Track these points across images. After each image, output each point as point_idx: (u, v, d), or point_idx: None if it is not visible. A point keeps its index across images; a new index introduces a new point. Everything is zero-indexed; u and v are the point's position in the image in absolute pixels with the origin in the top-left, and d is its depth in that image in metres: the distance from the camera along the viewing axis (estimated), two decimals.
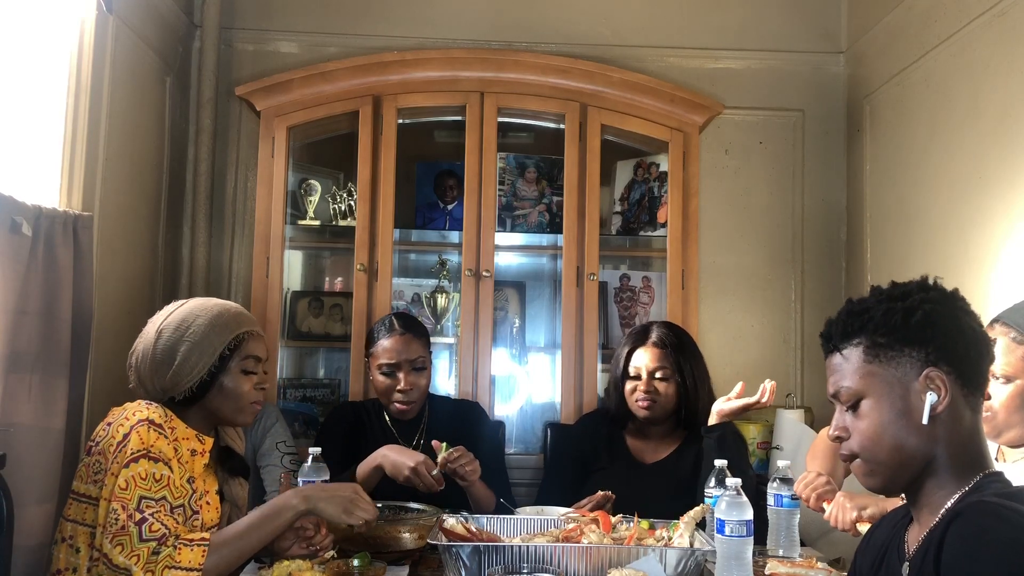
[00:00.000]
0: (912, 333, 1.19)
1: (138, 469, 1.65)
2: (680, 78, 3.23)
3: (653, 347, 2.39)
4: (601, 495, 2.11)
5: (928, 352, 1.19)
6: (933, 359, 1.18)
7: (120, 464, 1.65)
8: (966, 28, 2.49)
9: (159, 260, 2.94)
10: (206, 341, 1.80)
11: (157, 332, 1.81)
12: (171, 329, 1.81)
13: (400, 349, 2.35)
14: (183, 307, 1.86)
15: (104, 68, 2.42)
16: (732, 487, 1.85)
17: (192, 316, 1.82)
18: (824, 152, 3.33)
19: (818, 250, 3.30)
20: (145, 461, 1.66)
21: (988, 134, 2.39)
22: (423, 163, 3.26)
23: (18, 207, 1.93)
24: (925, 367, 1.18)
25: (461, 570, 1.68)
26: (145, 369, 1.81)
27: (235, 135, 3.22)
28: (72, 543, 1.70)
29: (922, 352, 1.19)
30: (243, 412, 1.87)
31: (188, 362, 1.78)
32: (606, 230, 3.14)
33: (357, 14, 3.27)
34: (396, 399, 2.35)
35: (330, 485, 1.83)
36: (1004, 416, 1.72)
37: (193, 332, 1.79)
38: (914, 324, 1.19)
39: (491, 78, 2.99)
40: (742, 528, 1.82)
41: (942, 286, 1.25)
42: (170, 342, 1.79)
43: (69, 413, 2.08)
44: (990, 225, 2.36)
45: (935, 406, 1.17)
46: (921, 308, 1.20)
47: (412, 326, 2.44)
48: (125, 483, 1.64)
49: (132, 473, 1.65)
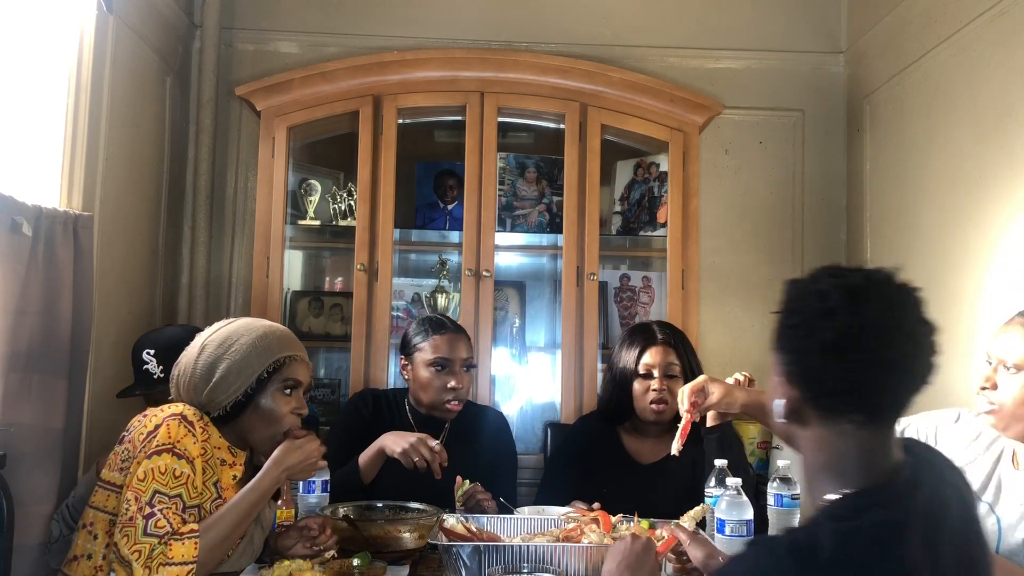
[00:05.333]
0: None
1: (159, 462, 1.65)
2: (680, 78, 3.23)
3: (664, 346, 2.38)
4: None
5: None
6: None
7: (144, 454, 1.65)
8: (966, 28, 2.49)
9: (159, 260, 2.94)
10: (246, 361, 1.77)
11: (201, 347, 1.79)
12: (214, 345, 1.78)
13: (456, 347, 2.35)
14: (230, 325, 1.84)
15: (104, 68, 2.42)
16: (732, 487, 1.85)
17: (237, 335, 1.80)
18: (824, 152, 3.33)
19: (818, 250, 3.30)
20: (168, 456, 1.66)
21: (988, 134, 2.39)
22: (423, 163, 3.26)
23: (18, 207, 1.93)
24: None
25: (461, 570, 1.68)
26: (184, 383, 1.79)
27: (235, 135, 3.22)
28: (91, 529, 1.70)
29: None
30: (276, 440, 1.80)
31: (226, 380, 1.75)
32: (606, 230, 3.14)
33: (357, 14, 3.27)
34: (447, 397, 2.34)
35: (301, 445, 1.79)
36: (1012, 408, 1.66)
37: (235, 351, 1.77)
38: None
39: (491, 78, 2.99)
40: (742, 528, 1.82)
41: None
42: (211, 358, 1.77)
43: (68, 413, 2.08)
44: (990, 225, 2.36)
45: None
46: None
47: (462, 328, 2.46)
48: (144, 474, 1.63)
49: (152, 465, 1.64)
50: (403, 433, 2.20)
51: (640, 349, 2.39)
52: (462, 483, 2.17)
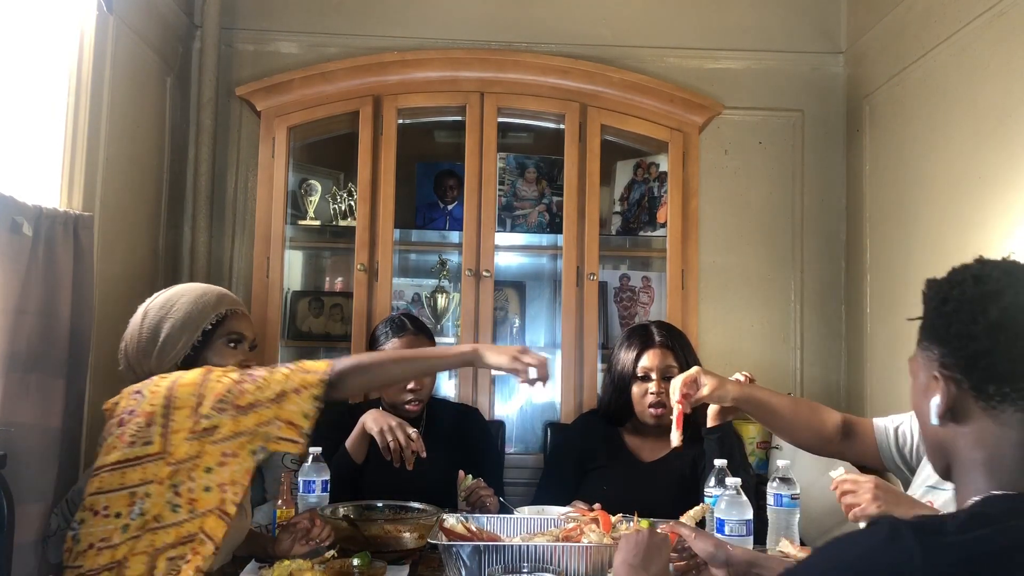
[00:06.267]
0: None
1: (209, 375, 1.67)
2: (680, 78, 3.23)
3: (662, 348, 2.38)
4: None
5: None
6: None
7: (197, 386, 1.66)
8: (966, 28, 2.49)
9: (159, 260, 2.95)
10: (188, 317, 1.87)
11: (143, 313, 1.89)
12: (156, 308, 1.89)
13: (415, 348, 2.36)
14: (169, 290, 1.95)
15: (104, 68, 2.42)
16: (732, 487, 1.86)
17: (176, 296, 1.91)
18: (824, 152, 3.33)
19: (818, 250, 3.31)
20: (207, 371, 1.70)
21: (988, 134, 2.39)
22: (423, 163, 3.26)
23: (19, 207, 1.93)
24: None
25: (461, 570, 1.68)
26: (132, 350, 1.87)
27: (235, 135, 3.22)
28: (106, 512, 1.64)
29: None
30: None
31: (172, 338, 1.85)
32: (606, 230, 3.14)
33: (357, 14, 3.27)
34: (406, 398, 2.37)
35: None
36: None
37: (177, 309, 1.87)
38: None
39: (491, 78, 2.99)
40: (742, 528, 1.82)
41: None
42: (155, 320, 1.87)
43: (67, 413, 2.08)
44: (990, 225, 2.36)
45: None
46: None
47: (421, 326, 2.47)
48: (202, 389, 1.64)
49: (196, 379, 1.66)
50: (385, 414, 2.23)
51: (638, 352, 2.39)
52: (464, 478, 2.18)
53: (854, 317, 3.22)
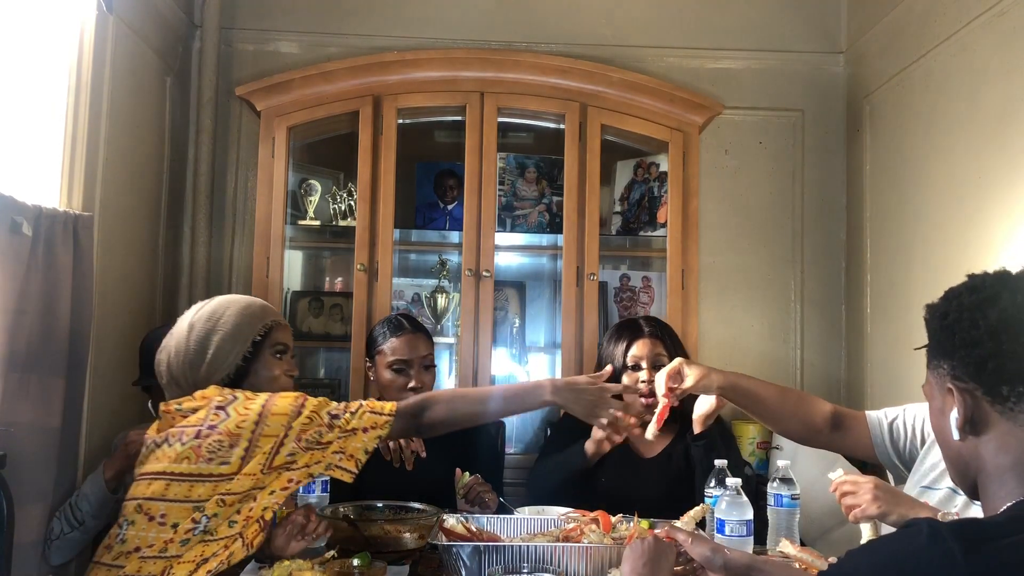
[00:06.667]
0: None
1: (303, 407, 1.70)
2: (680, 78, 3.23)
3: (651, 337, 2.40)
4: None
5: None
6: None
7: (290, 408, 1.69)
8: (966, 28, 2.49)
9: (159, 260, 2.94)
10: (238, 330, 1.82)
11: (189, 326, 1.82)
12: (203, 321, 1.82)
13: (412, 347, 2.37)
14: (211, 302, 1.88)
15: (104, 68, 2.42)
16: (732, 487, 1.85)
17: (222, 308, 1.85)
18: (824, 152, 3.33)
19: (818, 250, 3.31)
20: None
21: (988, 134, 2.39)
22: (423, 163, 3.27)
23: (18, 207, 1.93)
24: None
25: (461, 570, 1.68)
26: (178, 365, 1.80)
27: (235, 135, 3.22)
28: (162, 520, 1.63)
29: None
30: None
31: (222, 350, 1.80)
32: (606, 230, 3.14)
33: (357, 14, 3.27)
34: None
35: (577, 385, 1.86)
36: None
37: (225, 322, 1.82)
38: None
39: (491, 78, 2.99)
40: (742, 528, 1.82)
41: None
42: (203, 333, 1.80)
43: (66, 412, 2.08)
44: (990, 225, 2.36)
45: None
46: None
47: (420, 326, 2.47)
48: (296, 421, 1.68)
49: (303, 410, 1.69)
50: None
51: (627, 343, 2.41)
52: (462, 475, 2.18)
53: (854, 317, 3.22)
